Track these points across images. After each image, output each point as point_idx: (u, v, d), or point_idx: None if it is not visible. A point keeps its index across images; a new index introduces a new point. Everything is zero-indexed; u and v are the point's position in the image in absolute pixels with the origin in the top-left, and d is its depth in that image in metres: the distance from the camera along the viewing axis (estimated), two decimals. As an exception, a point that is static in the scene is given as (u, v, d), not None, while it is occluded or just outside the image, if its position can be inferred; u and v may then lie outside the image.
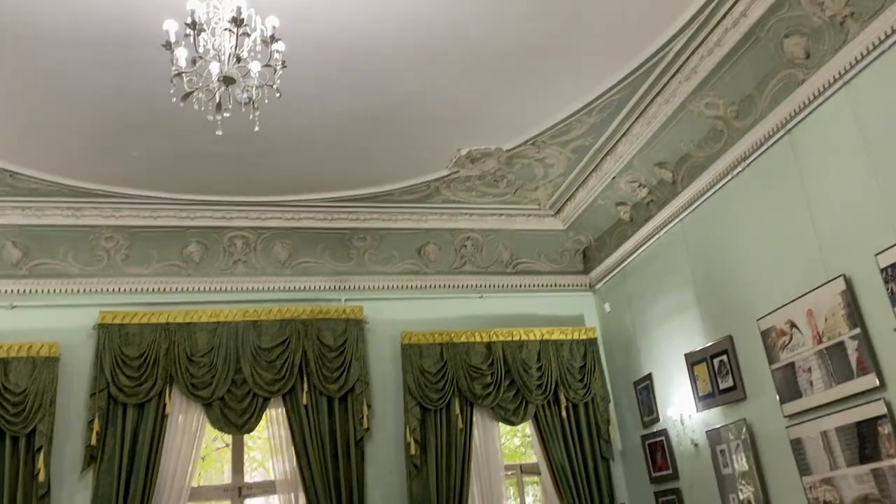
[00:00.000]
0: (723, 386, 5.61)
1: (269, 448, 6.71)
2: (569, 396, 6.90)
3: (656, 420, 6.48)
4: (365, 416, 6.41)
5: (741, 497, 5.40)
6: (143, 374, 6.11)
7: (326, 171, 6.23)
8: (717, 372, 5.65)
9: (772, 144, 5.10)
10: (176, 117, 4.82)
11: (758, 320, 5.19)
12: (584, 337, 7.20)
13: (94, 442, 5.84)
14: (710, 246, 5.87)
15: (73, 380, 6.08)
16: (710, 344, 5.76)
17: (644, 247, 6.72)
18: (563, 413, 6.84)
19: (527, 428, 7.28)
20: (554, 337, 7.09)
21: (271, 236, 6.80)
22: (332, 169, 6.21)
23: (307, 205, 6.70)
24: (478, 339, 6.91)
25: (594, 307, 7.58)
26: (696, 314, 5.99)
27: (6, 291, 6.22)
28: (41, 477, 5.65)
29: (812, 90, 4.69)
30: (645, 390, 6.65)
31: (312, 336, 6.56)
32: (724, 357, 5.59)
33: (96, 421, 5.89)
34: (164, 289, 6.57)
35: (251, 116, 4.01)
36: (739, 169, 5.42)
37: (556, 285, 7.55)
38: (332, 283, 6.96)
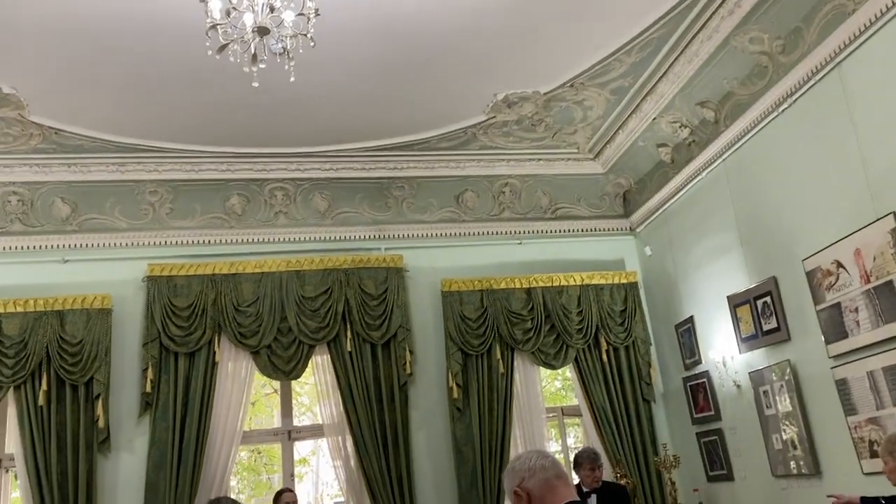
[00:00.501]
0: (766, 327, 5.56)
1: (316, 393, 6.91)
2: (609, 340, 6.92)
3: (698, 362, 6.47)
4: (407, 362, 6.53)
5: (784, 437, 5.40)
6: (193, 324, 6.29)
7: (363, 120, 6.22)
8: (761, 313, 5.60)
9: (819, 79, 4.92)
10: (213, 70, 4.85)
11: (803, 261, 5.10)
12: (624, 281, 7.18)
13: (148, 389, 6.08)
14: (753, 186, 5.75)
15: (126, 330, 6.30)
16: (753, 285, 5.70)
17: (685, 189, 6.61)
18: (604, 357, 6.88)
19: (567, 371, 7.34)
20: (594, 282, 7.08)
21: (310, 187, 6.86)
22: (368, 118, 6.20)
23: (344, 155, 6.72)
24: (517, 285, 6.93)
25: (635, 251, 7.53)
26: (739, 256, 5.91)
27: (58, 246, 6.42)
28: (101, 423, 5.92)
29: (863, 21, 4.48)
30: (686, 333, 6.63)
31: (354, 285, 6.66)
32: (768, 298, 5.52)
33: (150, 369, 6.12)
34: (209, 241, 6.71)
35: (286, 67, 4.01)
36: (785, 106, 5.26)
37: (595, 230, 7.50)
38: (371, 233, 7.03)
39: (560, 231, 7.40)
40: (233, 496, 6.36)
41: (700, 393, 6.44)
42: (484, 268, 7.02)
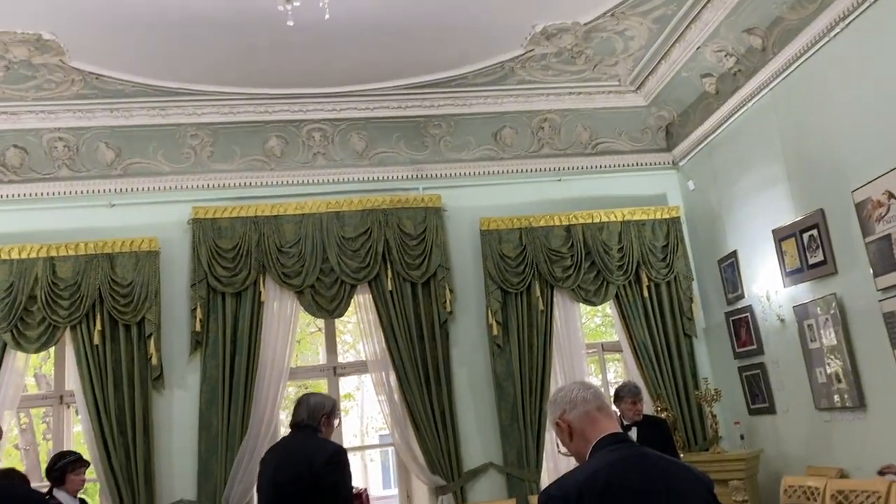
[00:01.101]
0: (812, 261, 5.46)
1: (359, 331, 7.04)
2: (651, 276, 6.88)
3: (741, 297, 6.41)
4: (448, 300, 6.60)
5: (828, 371, 5.36)
6: (238, 265, 6.43)
7: (398, 56, 6.13)
8: (807, 247, 5.49)
9: (875, 1, 4.68)
10: (248, 11, 4.82)
11: (852, 192, 4.96)
12: (666, 216, 7.08)
13: (198, 328, 6.27)
14: (802, 116, 5.56)
15: (174, 272, 6.46)
16: (799, 218, 5.57)
17: (731, 120, 6.42)
18: (645, 293, 6.85)
19: (607, 308, 7.34)
20: (636, 217, 7.00)
21: (347, 128, 6.85)
22: (403, 54, 6.11)
23: (380, 93, 6.66)
24: (557, 222, 6.89)
25: (677, 185, 7.40)
26: (786, 188, 5.77)
27: (105, 191, 6.57)
28: (153, 361, 6.15)
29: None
30: (729, 268, 6.55)
31: (393, 225, 6.70)
32: (815, 231, 5.40)
33: (198, 309, 6.29)
34: (251, 183, 6.79)
35: (321, 4, 3.96)
36: (837, 30, 5.03)
37: (637, 164, 7.36)
38: (409, 173, 7.02)
39: (601, 166, 7.29)
40: (282, 430, 6.58)
41: (742, 327, 6.40)
42: (523, 206, 6.98)
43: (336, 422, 3.88)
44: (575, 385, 2.28)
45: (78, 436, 7.07)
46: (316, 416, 3.74)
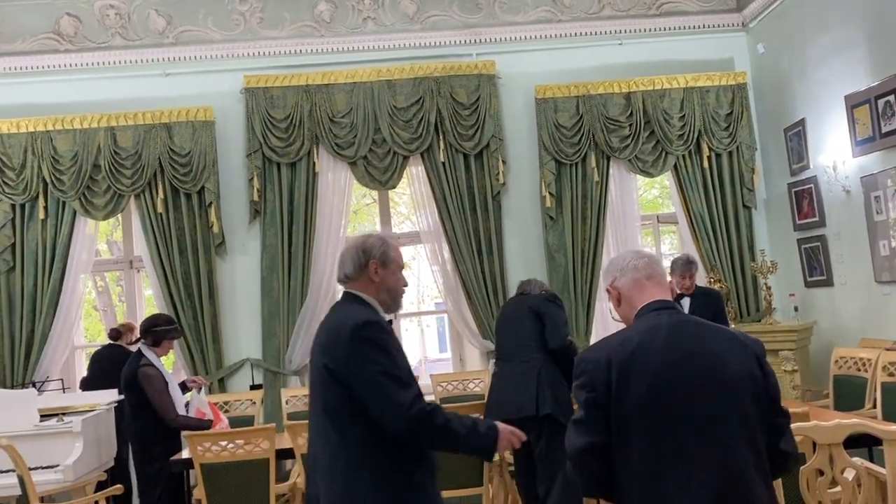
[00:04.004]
0: (885, 129, 5.16)
1: (412, 203, 7.10)
2: (712, 146, 6.65)
3: (806, 167, 6.17)
4: (500, 172, 6.55)
5: (892, 244, 5.20)
6: (291, 136, 6.46)
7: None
8: (881, 114, 5.18)
9: None
10: None
11: (938, 54, 4.60)
12: (732, 82, 6.74)
13: (255, 198, 6.42)
14: (890, -31, 5.08)
15: (230, 142, 6.54)
16: (875, 84, 5.23)
17: (809, -24, 5.93)
18: (705, 163, 6.66)
19: (665, 179, 7.18)
20: (699, 84, 6.68)
21: (398, -11, 6.60)
22: None
23: (432, -48, 6.35)
24: (616, 89, 6.64)
25: (746, 49, 6.97)
26: (863, 52, 5.38)
27: (158, 60, 6.57)
28: (215, 228, 6.37)
29: None
30: (796, 136, 6.27)
31: (445, 94, 6.56)
32: (892, 97, 5.07)
33: (255, 179, 6.41)
34: (301, 50, 6.68)
35: None
36: None
37: (704, 26, 6.93)
38: (462, 38, 6.77)
39: (664, 29, 6.90)
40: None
41: (805, 199, 6.20)
42: (580, 72, 6.72)
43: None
44: (629, 253, 2.24)
45: (149, 298, 7.49)
46: (543, 288, 4.36)
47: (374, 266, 2.48)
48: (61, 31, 6.43)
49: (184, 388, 4.96)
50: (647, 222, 7.30)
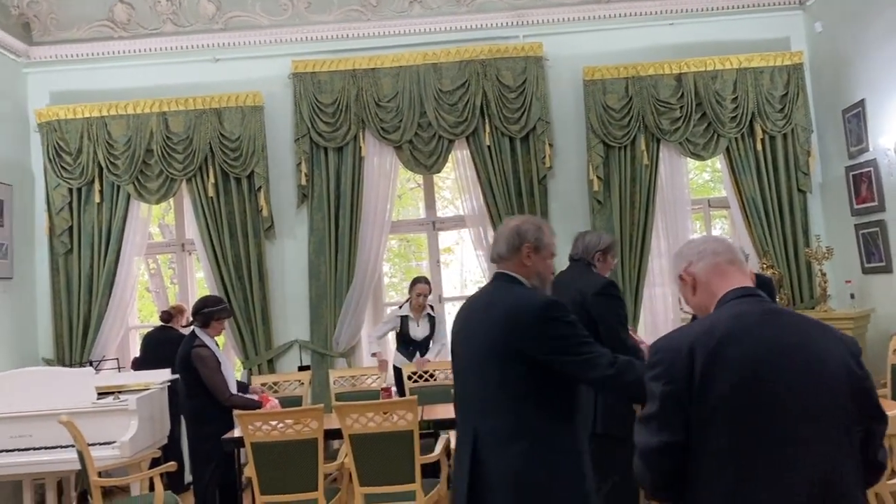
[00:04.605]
0: (953, 110, 4.95)
1: (457, 187, 7.09)
2: (766, 128, 6.47)
3: (865, 150, 5.96)
4: (547, 155, 6.48)
5: (958, 230, 5.00)
6: (338, 120, 6.50)
7: None
8: (949, 94, 4.97)
9: None
10: None
11: None
12: (788, 63, 6.53)
13: (303, 182, 6.48)
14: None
15: (278, 127, 6.61)
16: (943, 62, 5.01)
17: (872, -50, 5.70)
18: (759, 146, 6.49)
19: (717, 163, 7.02)
20: (753, 64, 6.50)
21: (444, -29, 6.55)
22: None
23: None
24: (667, 71, 6.50)
25: (802, 28, 6.75)
26: (931, 28, 5.16)
27: (209, 45, 6.67)
28: (264, 212, 6.46)
29: None
30: (855, 118, 6.05)
31: (492, 76, 6.51)
32: (960, 77, 4.86)
33: (303, 164, 6.47)
34: (348, 35, 6.70)
35: None
36: None
37: (759, 4, 6.71)
38: (509, 19, 6.70)
39: (717, 8, 6.71)
40: (385, 280, 6.88)
41: (863, 182, 6.00)
42: (630, 53, 6.60)
43: (614, 259, 4.01)
44: (705, 237, 2.08)
45: (201, 281, 7.65)
46: (589, 252, 3.89)
47: (528, 250, 2.51)
48: (115, 19, 6.57)
49: (245, 388, 5.04)
50: (698, 207, 7.15)
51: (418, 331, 6.06)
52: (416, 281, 6.15)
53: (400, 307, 6.18)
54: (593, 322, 3.49)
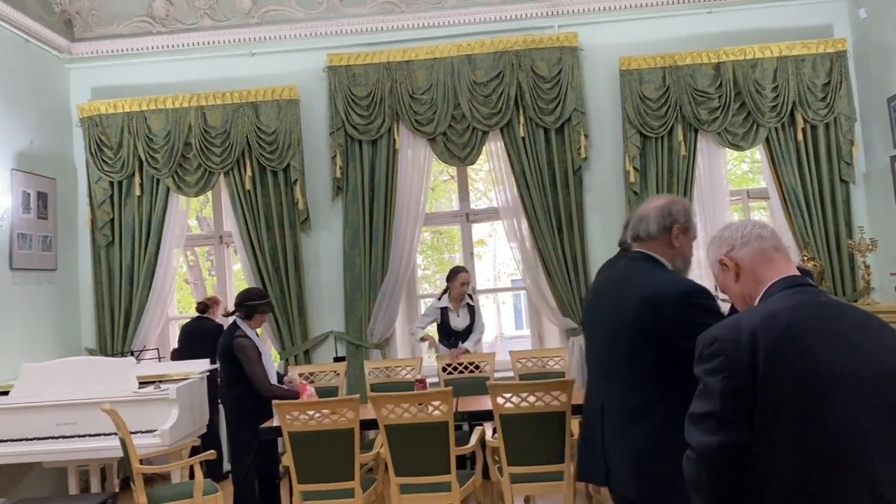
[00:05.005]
0: None
1: (491, 179, 7.07)
2: (807, 117, 6.33)
3: (912, 140, 5.80)
4: (582, 146, 6.43)
5: None
6: (372, 113, 6.52)
7: None
8: None
9: None
10: None
11: None
12: (830, 50, 6.38)
13: (338, 175, 6.53)
14: None
15: (313, 120, 6.66)
16: None
17: (920, -68, 5.53)
18: (800, 135, 6.35)
19: (756, 153, 6.89)
20: (794, 52, 6.36)
21: (478, -38, 6.52)
22: None
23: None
24: (705, 60, 6.40)
25: (846, 14, 6.58)
26: (982, 12, 4.99)
27: (245, 40, 6.74)
28: (300, 205, 6.52)
29: None
30: (901, 107, 5.89)
31: (526, 67, 6.47)
32: None
33: (338, 156, 6.51)
34: (382, 28, 6.71)
35: None
36: None
37: (800, -9, 6.58)
38: (543, 9, 6.65)
39: (757, -5, 6.59)
40: (419, 273, 6.90)
41: (910, 173, 5.84)
42: (667, 42, 6.51)
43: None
44: (748, 222, 1.93)
45: (238, 272, 7.75)
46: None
47: (678, 230, 2.45)
48: (154, 14, 6.67)
49: (280, 378, 5.10)
50: (737, 198, 7.04)
51: (459, 321, 6.06)
52: (457, 270, 6.15)
53: (438, 299, 6.19)
54: None
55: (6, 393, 5.14)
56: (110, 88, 6.74)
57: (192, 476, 4.53)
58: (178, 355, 6.27)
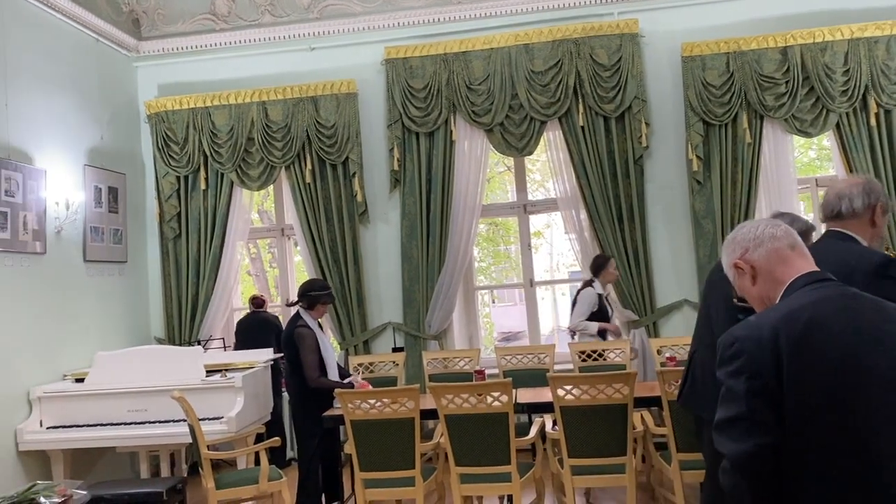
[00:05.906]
0: None
1: (548, 170, 7.01)
2: (881, 101, 6.07)
3: None
4: (643, 135, 6.31)
5: None
6: (430, 105, 6.53)
7: None
8: None
9: None
10: None
11: None
12: (906, 31, 6.10)
13: (395, 167, 6.57)
14: None
15: (371, 113, 6.72)
16: None
17: None
18: (872, 121, 6.10)
19: (825, 140, 6.65)
20: (867, 34, 6.10)
21: (536, -50, 6.45)
22: None
23: None
24: (771, 44, 6.19)
25: (923, -7, 6.28)
26: None
27: (304, 35, 6.83)
28: (359, 198, 6.59)
29: None
30: (984, 89, 5.60)
31: (585, 55, 6.38)
32: None
33: (395, 149, 6.56)
34: (439, 19, 6.71)
35: None
36: None
37: (873, -30, 6.31)
38: (603, -3, 6.55)
39: (827, -25, 6.34)
40: (476, 265, 6.89)
41: None
42: (731, 27, 6.32)
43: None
44: (760, 221, 1.90)
45: (299, 264, 7.89)
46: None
47: (881, 209, 2.47)
48: (216, 12, 6.82)
49: (345, 374, 5.16)
50: (804, 186, 6.81)
51: (609, 306, 6.01)
52: (605, 258, 5.99)
53: (583, 288, 5.93)
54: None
55: (82, 380, 5.37)
56: (175, 85, 6.93)
57: (257, 462, 4.64)
58: (236, 350, 6.43)
